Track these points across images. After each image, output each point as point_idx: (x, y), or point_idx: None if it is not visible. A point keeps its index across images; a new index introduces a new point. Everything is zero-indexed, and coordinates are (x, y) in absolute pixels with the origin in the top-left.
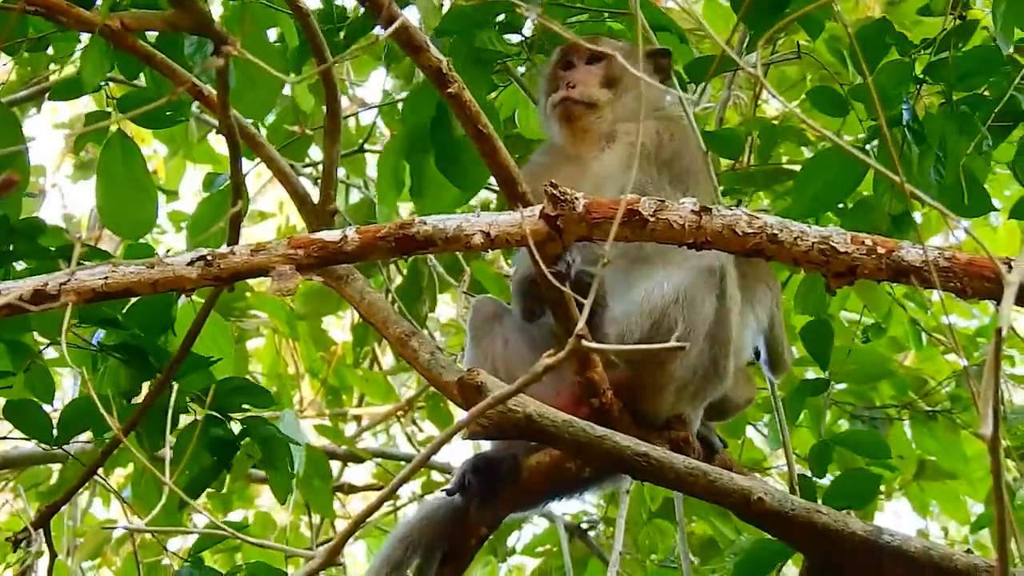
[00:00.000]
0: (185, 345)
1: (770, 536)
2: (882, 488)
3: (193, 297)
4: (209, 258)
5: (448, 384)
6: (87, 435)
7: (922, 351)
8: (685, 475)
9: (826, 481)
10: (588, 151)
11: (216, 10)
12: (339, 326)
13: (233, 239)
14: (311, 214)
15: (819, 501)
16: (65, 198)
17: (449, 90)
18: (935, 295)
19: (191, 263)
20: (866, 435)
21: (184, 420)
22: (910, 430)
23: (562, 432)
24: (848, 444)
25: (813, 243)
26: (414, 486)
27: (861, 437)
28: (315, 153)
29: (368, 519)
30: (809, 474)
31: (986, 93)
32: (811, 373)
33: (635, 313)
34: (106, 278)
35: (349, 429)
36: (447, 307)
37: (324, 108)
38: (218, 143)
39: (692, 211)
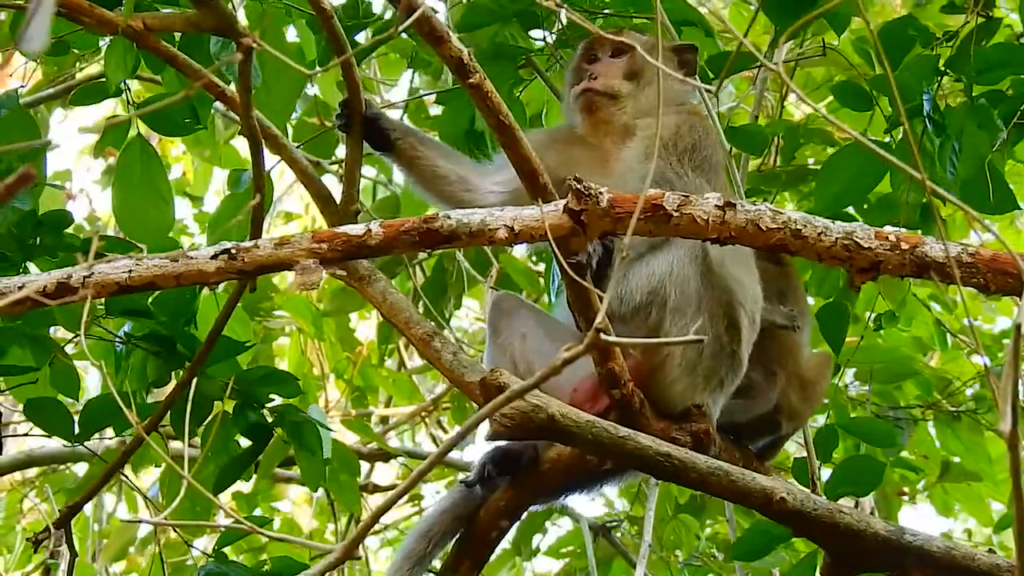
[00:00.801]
0: (213, 333)
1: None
2: (906, 489)
3: (218, 291)
4: (233, 251)
5: (470, 384)
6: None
7: (947, 352)
8: (707, 475)
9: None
10: (609, 142)
11: (241, 14)
12: (367, 322)
13: (255, 235)
14: (334, 215)
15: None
16: (92, 202)
17: (470, 80)
18: (959, 296)
19: (215, 256)
20: (873, 423)
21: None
22: (934, 431)
23: (585, 433)
24: (855, 431)
25: (837, 238)
26: (438, 487)
27: (868, 425)
28: (342, 150)
29: (392, 521)
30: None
31: (1008, 91)
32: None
33: (631, 286)
34: (130, 271)
35: (374, 430)
36: (470, 312)
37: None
38: (243, 145)
39: (716, 206)
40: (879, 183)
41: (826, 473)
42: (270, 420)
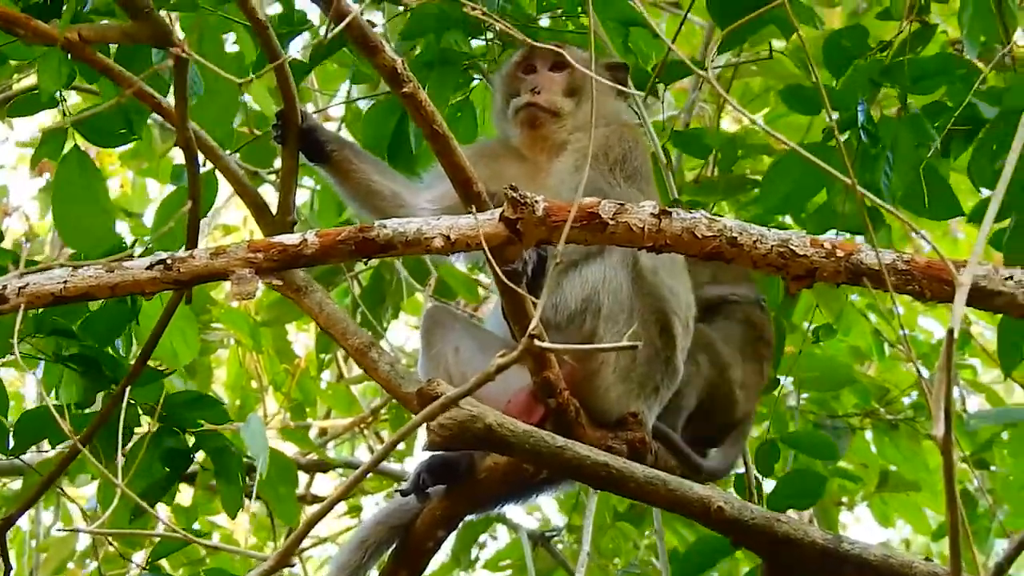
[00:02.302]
0: (144, 354)
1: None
2: (844, 499)
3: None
4: (168, 262)
5: (408, 395)
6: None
7: (884, 361)
8: (645, 484)
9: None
10: (543, 157)
11: (179, 25)
12: (305, 334)
13: (191, 244)
14: (270, 226)
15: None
16: (29, 219)
17: (404, 90)
18: (897, 306)
19: (150, 267)
20: (815, 436)
21: (141, 432)
22: (872, 439)
23: (522, 443)
24: (796, 444)
25: (772, 246)
26: (378, 499)
27: (810, 438)
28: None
29: (330, 534)
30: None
31: (947, 101)
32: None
33: (564, 294)
34: (64, 282)
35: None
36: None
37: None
38: (180, 159)
39: (652, 214)
40: (821, 189)
41: (768, 485)
42: (192, 444)
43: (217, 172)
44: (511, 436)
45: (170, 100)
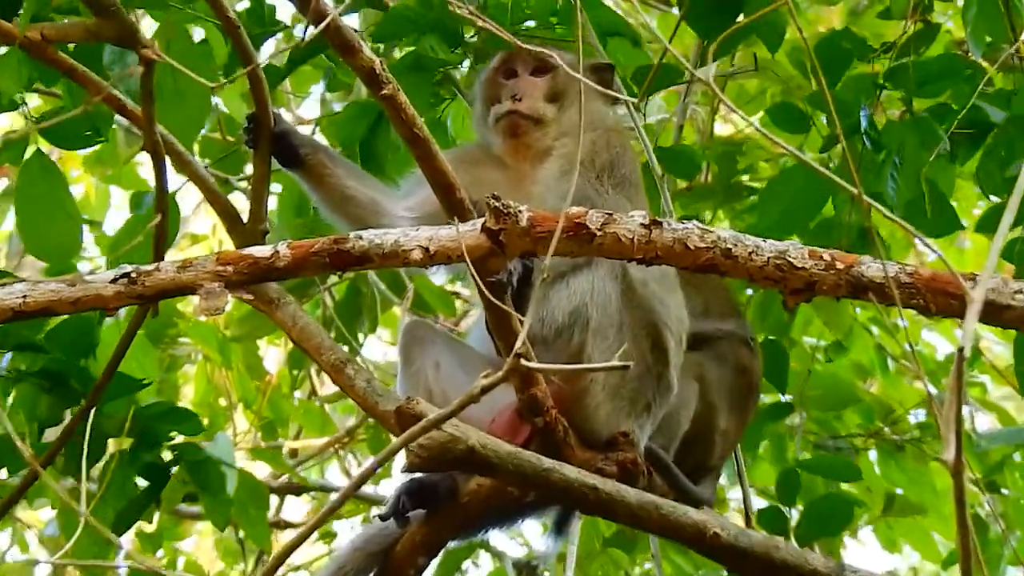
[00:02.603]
0: (110, 369)
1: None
2: None
3: (120, 317)
4: (133, 275)
5: (385, 414)
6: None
7: (888, 378)
8: (637, 509)
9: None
10: (527, 164)
11: (146, 22)
12: (277, 349)
13: (157, 258)
14: (241, 234)
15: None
16: None
17: (383, 92)
18: (902, 320)
19: (114, 280)
20: (835, 459)
21: (112, 449)
22: (877, 461)
23: (506, 464)
24: (817, 470)
25: (769, 258)
26: (353, 524)
27: (830, 462)
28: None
29: (303, 562)
30: (769, 505)
31: (952, 104)
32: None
33: (551, 307)
34: (24, 297)
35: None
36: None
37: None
38: (145, 164)
39: (642, 224)
40: (825, 202)
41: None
42: (169, 459)
43: (179, 185)
44: (494, 457)
45: (133, 104)
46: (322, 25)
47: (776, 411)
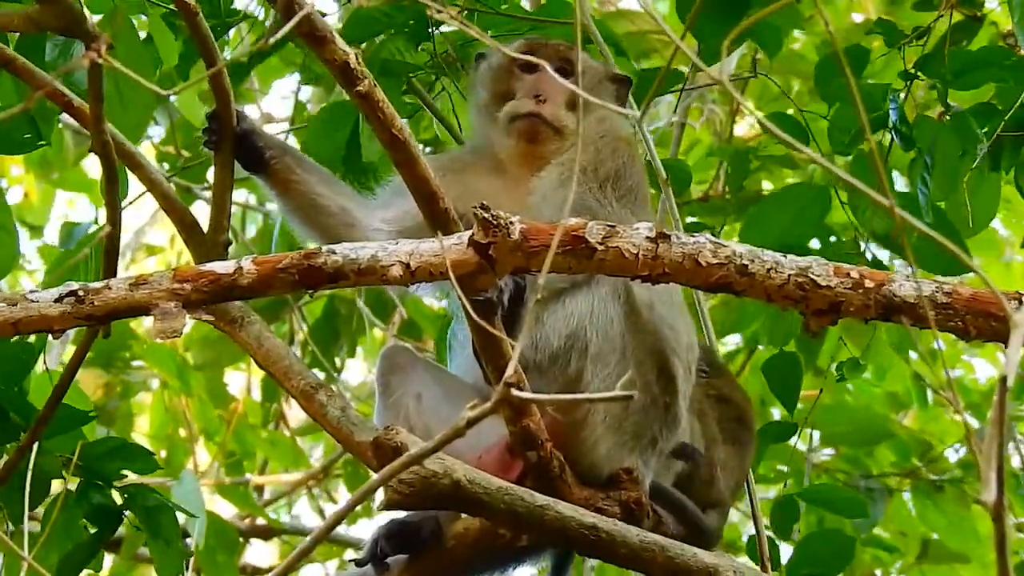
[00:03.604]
0: (53, 400)
1: None
2: (878, 572)
3: (68, 339)
4: (80, 294)
5: (362, 445)
6: None
7: (926, 410)
8: (640, 551)
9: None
10: (527, 172)
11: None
12: (242, 371)
13: (109, 273)
14: (200, 245)
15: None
16: None
17: (358, 88)
18: (941, 343)
19: (59, 299)
20: (839, 491)
21: (56, 488)
22: (912, 503)
23: (496, 502)
24: (816, 500)
25: (789, 275)
26: (330, 568)
27: (832, 493)
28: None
29: None
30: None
31: (997, 104)
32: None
33: (546, 330)
34: None
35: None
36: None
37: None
38: (93, 166)
39: (647, 238)
40: (826, 213)
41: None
42: (120, 501)
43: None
44: (483, 494)
45: (80, 100)
46: (296, 19)
47: (780, 431)
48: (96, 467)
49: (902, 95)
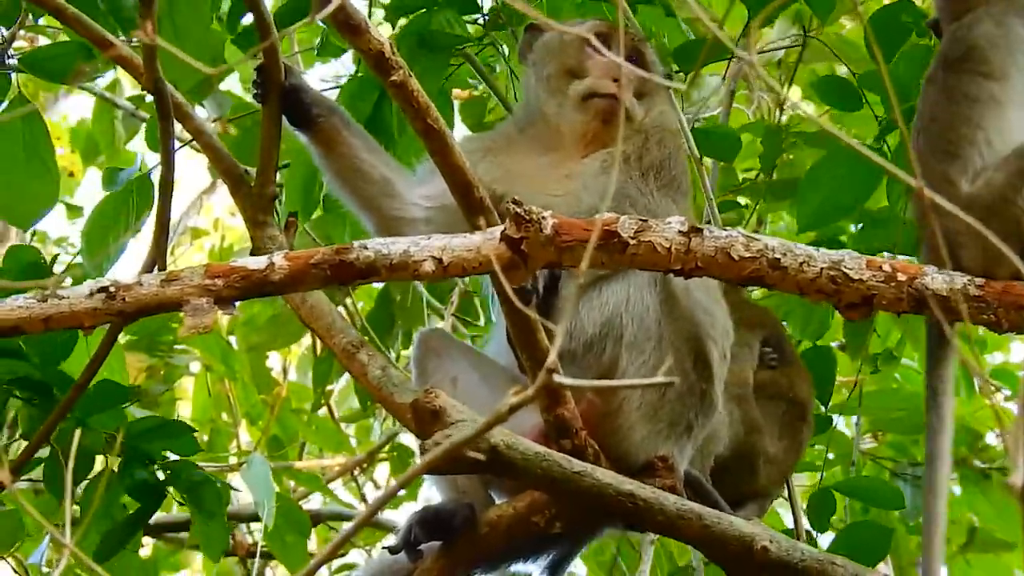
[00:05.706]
0: (88, 372)
1: None
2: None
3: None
4: (112, 290)
5: (401, 406)
6: None
7: (974, 399)
8: (676, 518)
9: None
10: (575, 154)
11: None
12: (284, 353)
13: (162, 215)
14: (247, 198)
15: None
16: None
17: (392, 78)
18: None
19: (90, 295)
20: (876, 482)
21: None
22: (960, 491)
23: (533, 467)
24: (853, 492)
25: (822, 268)
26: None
27: (869, 484)
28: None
29: None
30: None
31: None
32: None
33: (581, 318)
34: None
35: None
36: None
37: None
38: (137, 145)
39: (680, 232)
40: (872, 191)
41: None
42: (163, 478)
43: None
44: (520, 459)
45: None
46: (329, 8)
47: (816, 424)
48: (138, 445)
49: None
